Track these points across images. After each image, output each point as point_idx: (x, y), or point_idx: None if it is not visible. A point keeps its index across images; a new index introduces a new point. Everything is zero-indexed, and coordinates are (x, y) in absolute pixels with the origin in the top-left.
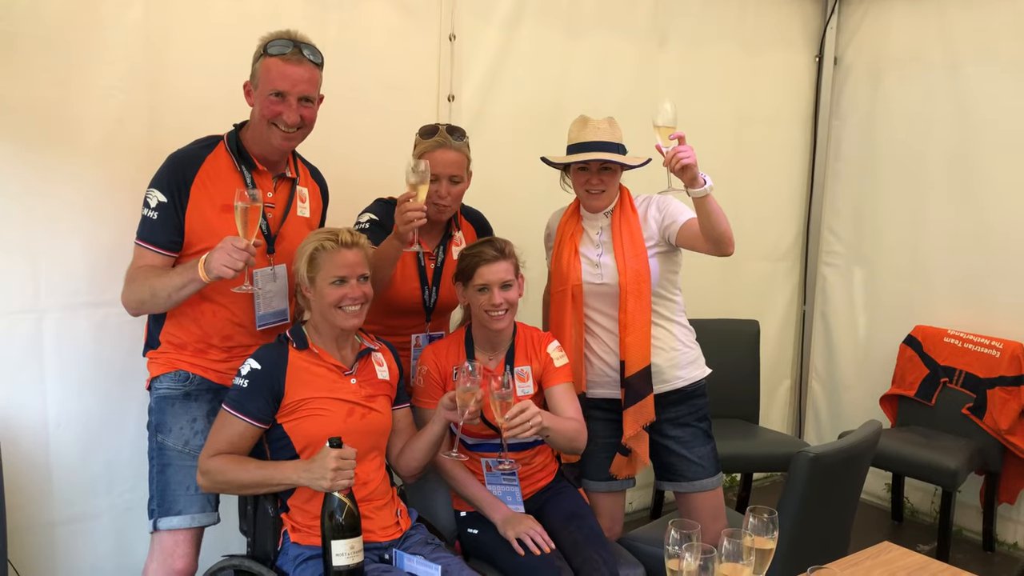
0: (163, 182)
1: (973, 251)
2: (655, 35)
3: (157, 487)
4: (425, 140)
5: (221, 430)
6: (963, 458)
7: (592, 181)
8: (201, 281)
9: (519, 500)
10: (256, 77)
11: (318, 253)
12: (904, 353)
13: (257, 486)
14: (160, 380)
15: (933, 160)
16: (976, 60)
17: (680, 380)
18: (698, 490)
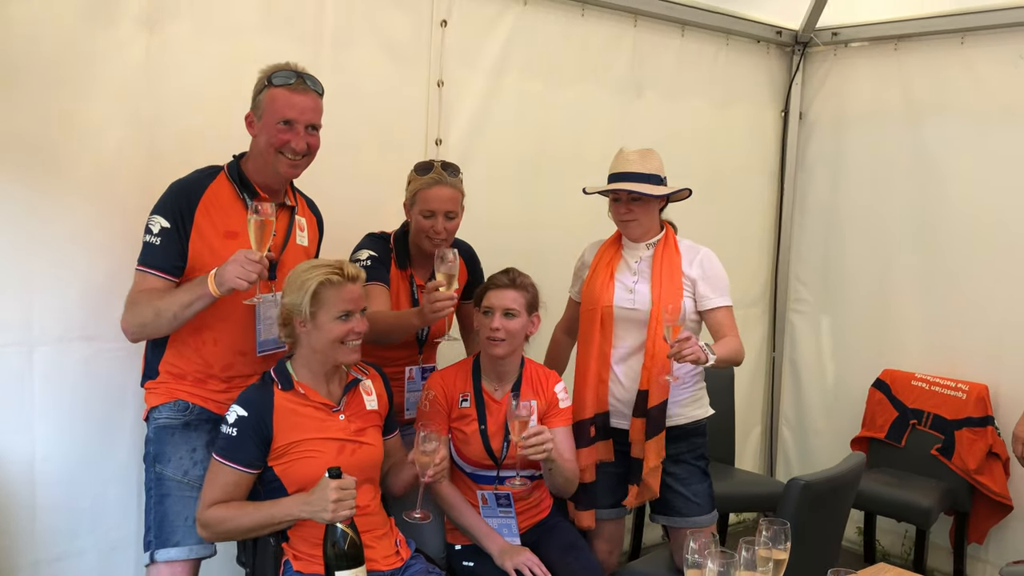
0: (166, 208)
1: (938, 297)
2: (632, 87)
3: (155, 518)
4: (421, 177)
5: (215, 480)
6: (935, 497)
7: (621, 211)
8: (211, 296)
9: (515, 532)
10: (261, 107)
11: (324, 288)
12: (873, 396)
13: (260, 528)
14: (159, 410)
15: (897, 210)
16: (935, 114)
17: (681, 417)
18: (692, 526)
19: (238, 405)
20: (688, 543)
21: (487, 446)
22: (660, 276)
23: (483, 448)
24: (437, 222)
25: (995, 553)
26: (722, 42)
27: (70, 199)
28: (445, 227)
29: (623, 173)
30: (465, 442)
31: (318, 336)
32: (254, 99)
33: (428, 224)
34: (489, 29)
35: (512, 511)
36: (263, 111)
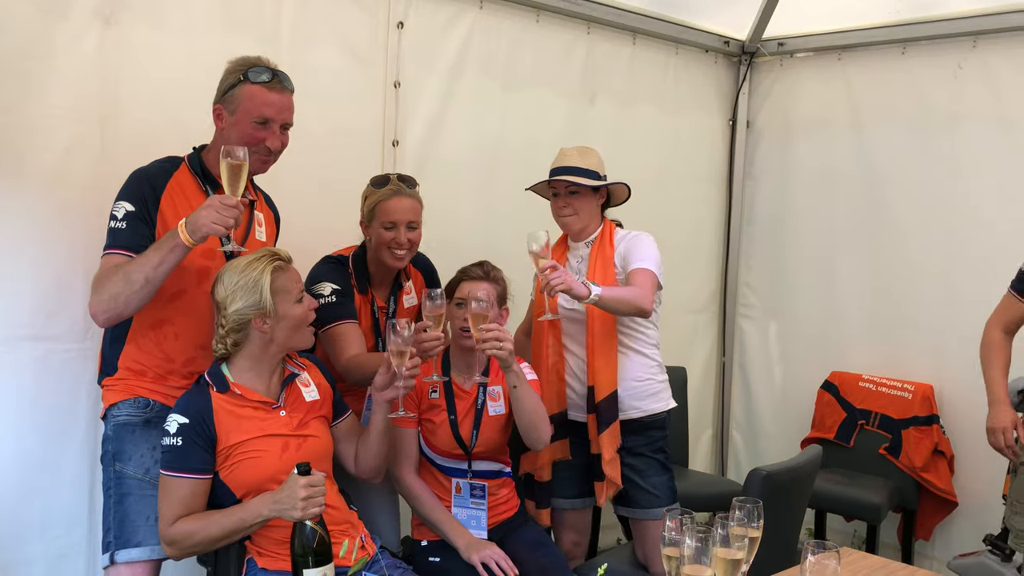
0: (131, 194)
1: (883, 300)
2: (585, 93)
3: (115, 518)
4: (379, 189)
5: (170, 495)
6: (884, 495)
7: (560, 204)
8: (184, 247)
9: (483, 525)
10: (235, 102)
11: (278, 276)
12: (822, 398)
13: (231, 535)
14: (118, 407)
15: (842, 216)
16: (878, 120)
17: (636, 411)
18: (651, 518)
19: (176, 414)
20: (664, 522)
21: (456, 435)
22: (593, 272)
23: (452, 437)
24: (400, 233)
25: (941, 548)
26: (672, 51)
27: (20, 196)
28: (408, 238)
29: (561, 167)
30: (433, 432)
31: (283, 326)
32: (226, 92)
33: (390, 236)
34: (445, 32)
35: (484, 504)
36: (237, 106)
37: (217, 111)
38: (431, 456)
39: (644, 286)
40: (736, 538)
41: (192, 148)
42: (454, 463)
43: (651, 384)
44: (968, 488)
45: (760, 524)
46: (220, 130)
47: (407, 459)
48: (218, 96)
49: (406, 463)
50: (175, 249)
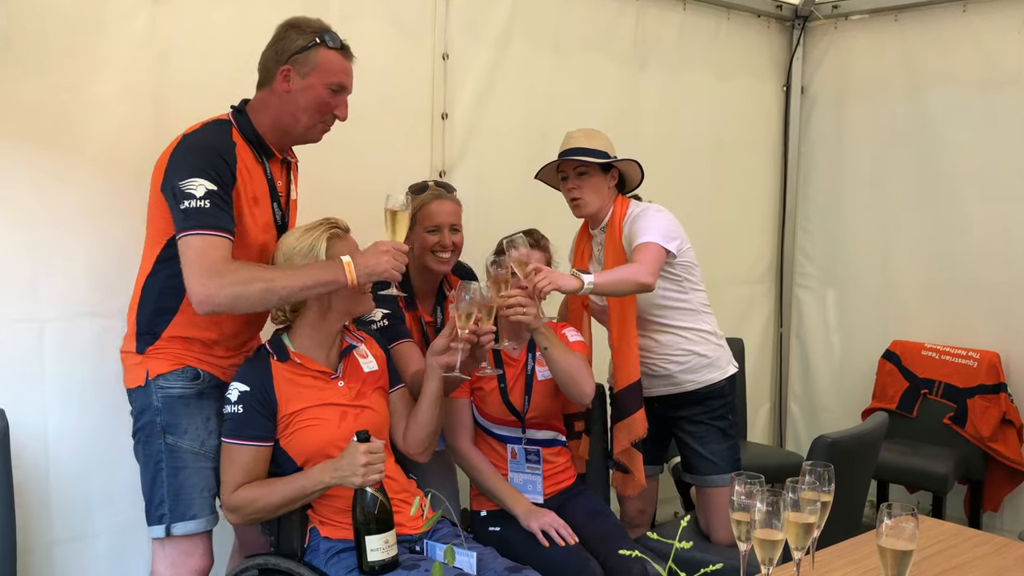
0: (205, 170)
1: (943, 266)
2: (636, 59)
3: (169, 491)
4: (419, 196)
5: (232, 462)
6: (950, 465)
7: (569, 186)
8: (343, 286)
9: (539, 490)
10: (310, 64)
11: (334, 243)
12: (883, 368)
13: (292, 502)
14: (166, 379)
15: (901, 180)
16: (938, 83)
17: (692, 384)
18: (711, 485)
19: (238, 382)
20: (733, 486)
21: (507, 402)
22: (608, 259)
23: (503, 404)
24: (444, 236)
25: (1010, 520)
26: (723, 16)
27: (77, 174)
28: (452, 240)
29: (568, 150)
30: (484, 400)
31: (340, 294)
32: (296, 53)
33: (434, 240)
34: (493, 1)
35: (539, 468)
36: (312, 69)
37: (285, 72)
38: (485, 425)
39: (643, 260)
40: (808, 502)
41: (232, 108)
42: (508, 431)
43: (704, 358)
44: None
45: (831, 488)
46: (286, 91)
47: (463, 429)
48: (284, 56)
49: (462, 433)
50: (332, 285)
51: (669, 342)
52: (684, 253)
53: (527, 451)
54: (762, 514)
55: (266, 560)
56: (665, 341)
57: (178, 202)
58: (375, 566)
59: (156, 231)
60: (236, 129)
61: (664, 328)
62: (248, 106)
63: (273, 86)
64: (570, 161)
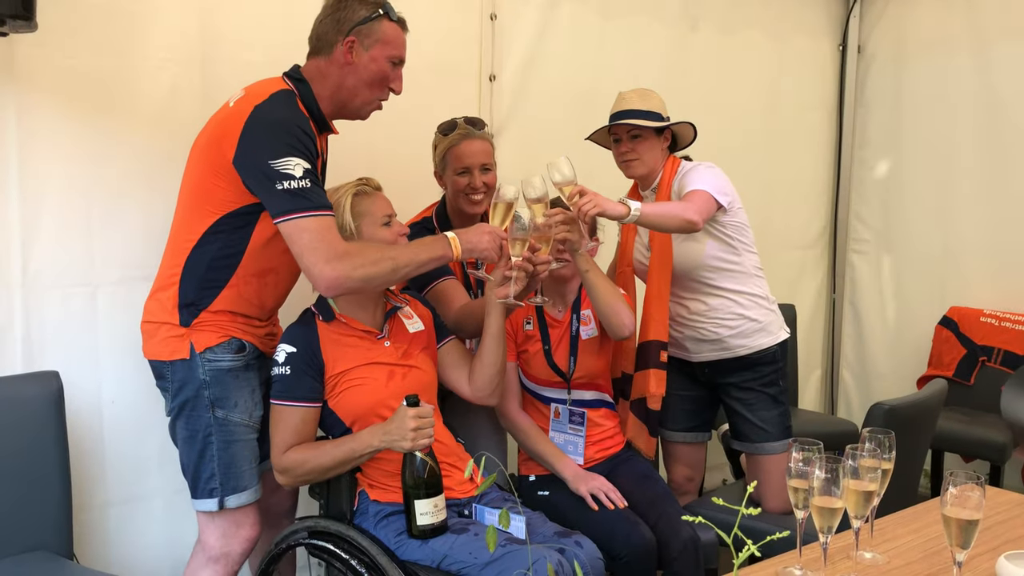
0: (297, 148)
1: (1004, 231)
2: (686, 19)
3: (220, 464)
4: (447, 136)
5: (281, 424)
6: (1009, 433)
7: (623, 150)
8: (450, 259)
9: (580, 452)
10: (373, 36)
11: (359, 200)
12: (940, 335)
13: (341, 465)
14: (214, 351)
15: (960, 143)
16: (1003, 40)
17: (743, 348)
18: (761, 452)
19: (285, 343)
20: (791, 453)
21: (552, 363)
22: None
23: (547, 365)
24: (474, 177)
25: None
26: None
27: (128, 139)
28: (484, 181)
29: (621, 111)
30: (529, 362)
31: None
32: (359, 24)
33: (465, 182)
34: None
35: (583, 431)
36: (376, 41)
37: (350, 43)
38: (531, 387)
39: (692, 200)
40: (868, 470)
41: (285, 79)
42: (554, 392)
43: (755, 323)
44: None
45: (892, 456)
46: (348, 63)
47: (511, 393)
48: (347, 27)
49: (510, 397)
50: (442, 259)
51: (720, 305)
52: (735, 212)
53: (572, 412)
54: (821, 481)
55: (316, 523)
56: (716, 305)
57: (273, 182)
58: (425, 530)
59: (209, 202)
60: (300, 100)
61: (715, 291)
62: (306, 75)
63: (333, 56)
64: (622, 124)
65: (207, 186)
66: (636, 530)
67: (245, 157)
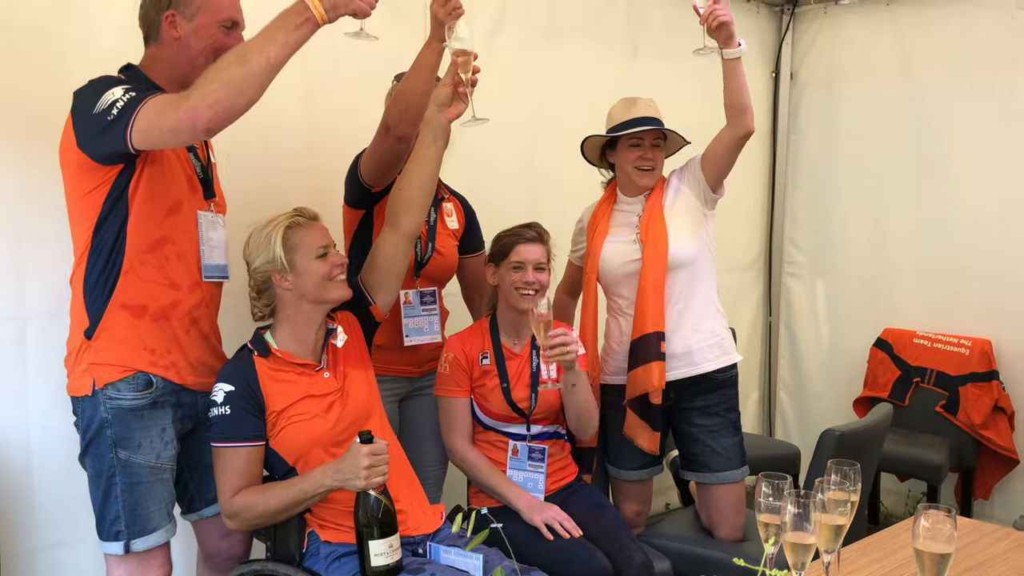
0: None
1: (935, 254)
2: (628, 46)
3: (125, 506)
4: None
5: (227, 467)
6: (944, 453)
7: (646, 156)
8: (315, 24)
9: (540, 488)
10: (193, 5)
11: (292, 232)
12: (875, 356)
13: (293, 506)
14: (115, 388)
15: (890, 168)
16: (929, 68)
17: (709, 364)
18: (721, 482)
19: (222, 382)
20: (760, 487)
21: (509, 400)
22: (648, 221)
23: (505, 402)
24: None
25: (1001, 508)
26: None
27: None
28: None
29: (643, 118)
30: (486, 398)
31: (304, 281)
32: None
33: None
34: None
35: (543, 467)
36: (198, 9)
37: (170, 17)
38: (487, 422)
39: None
40: (837, 503)
41: (119, 74)
42: (512, 427)
43: (718, 336)
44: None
45: (858, 487)
46: (175, 39)
47: (460, 429)
48: (165, 2)
49: (459, 433)
50: (305, 24)
51: (696, 309)
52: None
53: (531, 449)
54: (792, 516)
55: (263, 566)
56: (694, 307)
57: (105, 120)
58: (379, 571)
59: (85, 201)
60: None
61: (692, 295)
62: (142, 67)
63: (161, 38)
64: (650, 130)
65: (74, 194)
66: (594, 558)
67: (78, 129)
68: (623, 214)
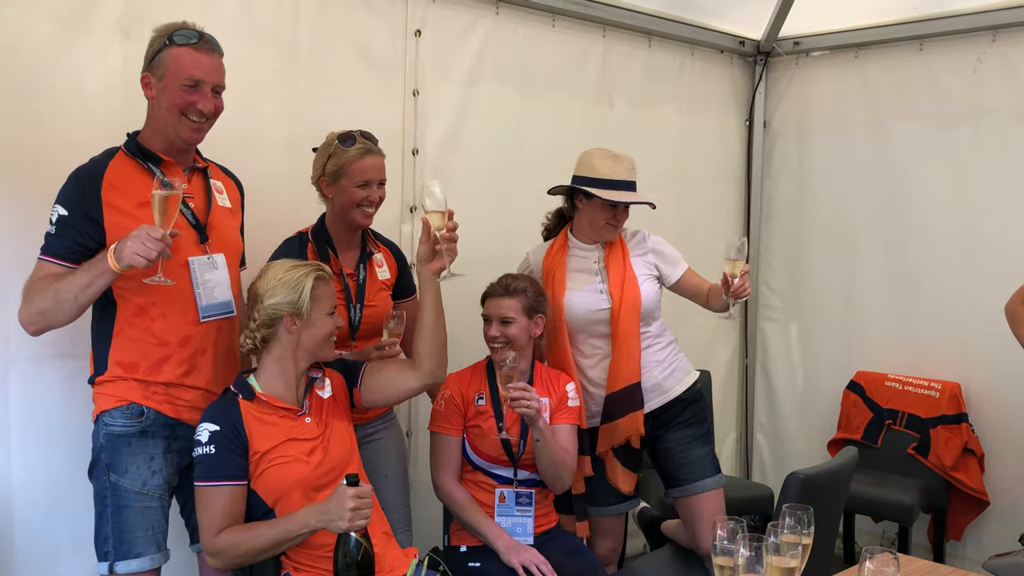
0: (66, 196)
1: (906, 299)
2: (603, 96)
3: (113, 528)
4: (348, 149)
5: (210, 506)
6: (915, 495)
7: (619, 216)
8: (112, 272)
9: (530, 532)
10: (162, 67)
11: (319, 285)
12: (848, 399)
13: (276, 546)
14: (111, 415)
15: (862, 214)
16: (897, 118)
17: (680, 387)
18: (700, 491)
19: (207, 422)
20: (716, 531)
21: (504, 442)
22: (617, 270)
23: (501, 445)
24: (372, 192)
25: (973, 549)
26: (687, 52)
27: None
28: (380, 195)
29: (625, 182)
30: (481, 436)
31: (310, 333)
32: (152, 58)
33: (363, 195)
34: (462, 38)
35: (531, 511)
36: (165, 71)
37: (145, 80)
38: (477, 461)
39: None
40: (789, 546)
41: (126, 135)
42: (501, 470)
43: (682, 363)
44: (999, 487)
45: (812, 531)
46: (151, 99)
47: (450, 467)
48: (145, 64)
49: (447, 470)
50: (104, 274)
51: (659, 356)
52: None
53: (518, 494)
54: (745, 559)
55: None
56: (654, 345)
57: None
58: None
59: None
60: (123, 150)
61: (650, 333)
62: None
63: (145, 95)
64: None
65: None
66: None
67: None
68: (579, 259)
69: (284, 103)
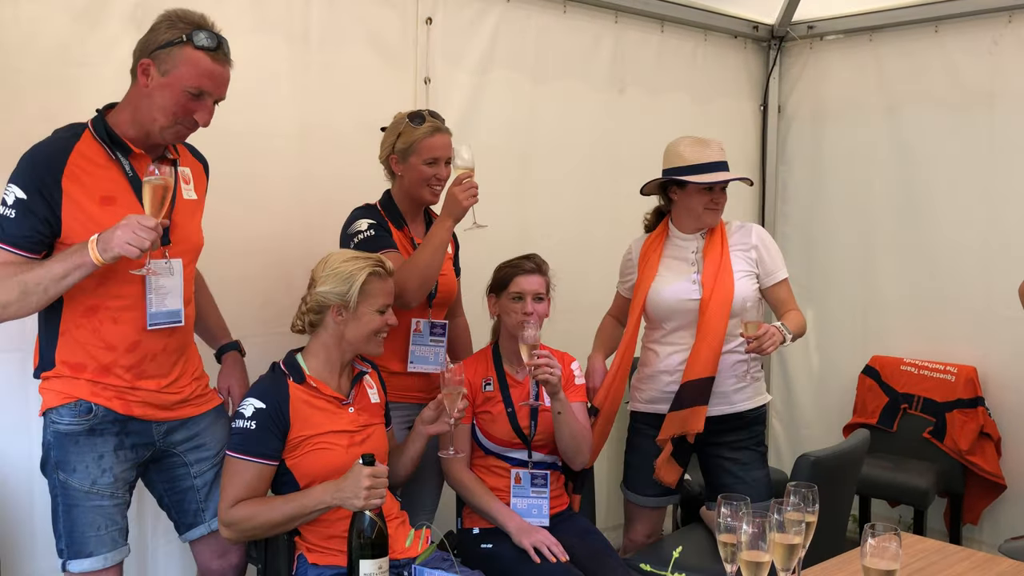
0: (24, 178)
1: (922, 283)
2: (615, 83)
3: (64, 527)
4: (418, 127)
5: (236, 477)
6: (931, 479)
7: (717, 199)
8: (92, 265)
9: (545, 513)
10: (171, 62)
11: (372, 280)
12: (864, 383)
13: (290, 521)
14: (58, 412)
15: (878, 198)
16: (912, 101)
17: (745, 404)
18: None
19: (254, 398)
20: (719, 508)
21: (515, 426)
22: (712, 260)
23: (510, 427)
24: (441, 169)
25: (990, 532)
26: (700, 38)
27: None
28: (446, 173)
29: (716, 163)
30: (492, 422)
31: (355, 327)
32: (159, 48)
33: (432, 172)
34: (474, 26)
35: (546, 492)
36: (172, 68)
37: (144, 65)
38: (490, 447)
39: (795, 301)
40: (793, 523)
41: (96, 111)
42: (514, 452)
43: (757, 383)
44: (1016, 471)
45: (816, 509)
46: (143, 86)
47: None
48: (148, 49)
49: (459, 458)
50: (83, 267)
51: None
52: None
53: (533, 475)
54: (748, 536)
55: None
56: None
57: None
58: None
59: None
60: (90, 129)
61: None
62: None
63: (137, 79)
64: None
65: None
66: None
67: None
68: (677, 248)
69: (295, 92)
